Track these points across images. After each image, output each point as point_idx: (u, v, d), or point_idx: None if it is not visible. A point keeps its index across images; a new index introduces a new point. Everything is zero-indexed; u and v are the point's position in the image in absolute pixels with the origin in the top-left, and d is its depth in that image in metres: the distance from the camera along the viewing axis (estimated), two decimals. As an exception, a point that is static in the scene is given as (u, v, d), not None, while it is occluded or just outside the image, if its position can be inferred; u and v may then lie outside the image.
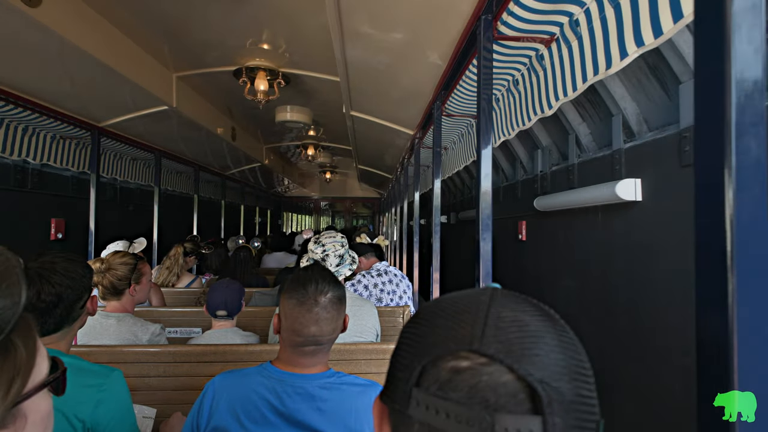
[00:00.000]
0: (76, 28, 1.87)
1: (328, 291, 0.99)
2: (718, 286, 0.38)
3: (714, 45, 0.39)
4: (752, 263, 0.37)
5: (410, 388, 0.32)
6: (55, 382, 0.56)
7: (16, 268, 0.48)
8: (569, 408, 0.30)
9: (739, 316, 0.37)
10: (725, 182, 0.38)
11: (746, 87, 0.38)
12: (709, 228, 0.39)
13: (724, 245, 0.38)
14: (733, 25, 0.38)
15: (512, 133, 1.76)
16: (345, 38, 1.72)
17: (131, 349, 1.59)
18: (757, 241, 0.37)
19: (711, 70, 0.39)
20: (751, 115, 0.38)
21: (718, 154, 0.39)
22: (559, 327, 0.34)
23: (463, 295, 0.36)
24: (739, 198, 0.37)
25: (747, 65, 0.38)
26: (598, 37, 1.07)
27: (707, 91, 0.40)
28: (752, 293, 0.37)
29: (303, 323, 0.96)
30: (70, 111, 2.69)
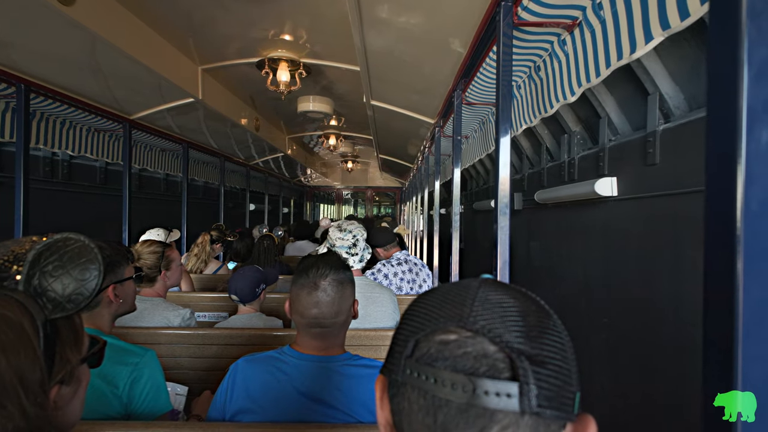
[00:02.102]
0: (107, 25, 1.95)
1: (327, 275, 1.02)
2: (727, 269, 0.38)
3: (728, 32, 0.39)
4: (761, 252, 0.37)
5: (404, 359, 0.36)
6: (97, 354, 0.60)
7: (92, 248, 0.53)
8: (545, 378, 0.33)
9: (745, 302, 0.37)
10: (737, 172, 0.38)
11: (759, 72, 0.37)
12: (719, 216, 0.39)
13: (733, 234, 0.38)
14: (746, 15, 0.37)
15: (534, 121, 1.73)
16: (364, 26, 1.73)
17: (164, 331, 1.69)
18: (765, 230, 0.37)
19: (724, 56, 0.39)
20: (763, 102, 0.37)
21: (730, 142, 0.38)
22: (541, 309, 0.38)
23: (458, 284, 0.40)
24: (748, 190, 0.37)
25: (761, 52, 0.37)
26: (621, 20, 1.03)
27: (720, 78, 0.40)
28: (760, 277, 0.37)
29: (305, 305, 1.01)
30: (103, 104, 2.81)
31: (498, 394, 0.32)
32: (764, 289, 0.37)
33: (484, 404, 0.32)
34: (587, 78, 1.23)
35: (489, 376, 0.33)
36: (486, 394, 0.32)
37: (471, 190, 5.54)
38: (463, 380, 0.33)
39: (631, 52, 1.01)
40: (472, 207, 4.51)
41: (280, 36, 2.57)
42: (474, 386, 0.32)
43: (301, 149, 6.52)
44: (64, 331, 0.52)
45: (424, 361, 0.35)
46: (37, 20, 1.74)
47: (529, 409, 0.32)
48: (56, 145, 2.94)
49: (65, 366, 0.51)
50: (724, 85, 0.39)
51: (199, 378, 1.68)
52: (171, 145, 4.07)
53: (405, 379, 0.35)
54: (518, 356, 0.33)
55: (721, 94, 0.40)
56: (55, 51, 2.05)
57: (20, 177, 2.08)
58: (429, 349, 0.35)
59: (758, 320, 0.37)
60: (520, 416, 0.32)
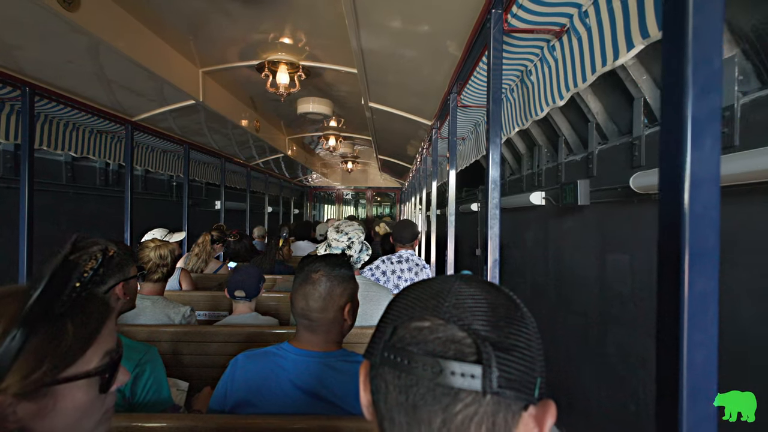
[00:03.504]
0: (110, 29, 2.00)
1: (320, 269, 1.06)
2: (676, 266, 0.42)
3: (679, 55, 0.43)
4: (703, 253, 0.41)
5: (383, 343, 0.40)
6: (100, 380, 0.58)
7: (53, 259, 0.54)
8: (507, 362, 0.37)
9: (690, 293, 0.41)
10: (684, 177, 0.42)
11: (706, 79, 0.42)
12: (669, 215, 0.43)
13: (680, 236, 0.42)
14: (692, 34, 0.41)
15: (526, 124, 1.77)
16: (360, 28, 1.76)
17: (166, 328, 1.73)
18: (709, 231, 0.42)
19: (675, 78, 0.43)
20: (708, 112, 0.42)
21: (679, 149, 0.43)
22: (511, 302, 0.42)
23: (439, 278, 0.44)
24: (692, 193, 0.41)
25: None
26: (606, 28, 1.07)
27: (671, 91, 0.44)
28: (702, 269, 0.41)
29: (296, 297, 1.06)
30: (106, 107, 2.86)
31: (463, 375, 0.36)
32: (706, 283, 0.41)
33: (450, 383, 0.36)
34: (575, 83, 1.28)
35: (456, 358, 0.37)
36: (452, 375, 0.36)
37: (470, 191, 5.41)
38: (432, 362, 0.37)
39: (615, 59, 1.05)
40: (460, 209, 4.36)
41: (280, 39, 2.62)
42: (442, 367, 0.36)
43: (301, 150, 6.56)
44: (28, 347, 0.51)
45: (400, 345, 0.39)
46: (41, 24, 1.79)
47: (490, 389, 0.36)
48: (59, 147, 2.99)
49: (21, 381, 0.51)
50: (673, 98, 0.43)
51: (199, 374, 1.73)
52: (173, 147, 4.12)
53: (383, 361, 0.40)
54: (483, 342, 0.37)
55: (671, 106, 0.44)
56: (59, 54, 2.09)
57: (25, 179, 2.13)
58: (405, 335, 0.39)
59: (701, 310, 0.41)
60: (482, 396, 0.36)
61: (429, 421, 0.37)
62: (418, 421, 0.37)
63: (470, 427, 0.36)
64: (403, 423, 0.38)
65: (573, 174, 2.64)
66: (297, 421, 0.99)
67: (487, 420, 0.36)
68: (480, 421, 0.36)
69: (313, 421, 0.99)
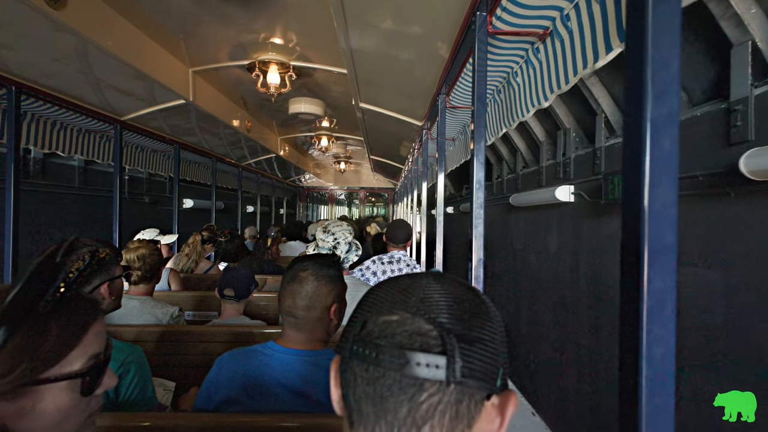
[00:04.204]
0: (97, 28, 1.99)
1: (308, 268, 1.07)
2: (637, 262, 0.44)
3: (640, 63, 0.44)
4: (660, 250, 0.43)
5: (353, 337, 0.41)
6: (83, 382, 0.57)
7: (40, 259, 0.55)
8: (471, 353, 0.39)
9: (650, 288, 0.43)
10: (644, 176, 0.44)
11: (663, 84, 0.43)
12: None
13: (641, 232, 0.44)
14: (651, 45, 0.43)
15: (512, 125, 1.79)
16: (349, 28, 1.77)
17: (154, 329, 1.72)
18: (667, 228, 0.43)
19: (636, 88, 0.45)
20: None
21: (639, 149, 0.44)
22: (477, 298, 0.44)
23: (407, 275, 0.46)
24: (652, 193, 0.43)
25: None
26: (586, 31, 1.10)
27: (632, 95, 0.45)
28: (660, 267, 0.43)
29: (283, 295, 1.07)
30: (94, 106, 2.84)
31: (428, 365, 0.37)
32: (664, 280, 0.43)
33: (415, 374, 0.37)
34: (558, 85, 1.30)
35: (421, 350, 0.38)
36: (418, 365, 0.37)
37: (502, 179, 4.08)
38: (399, 353, 0.38)
39: (595, 61, 1.08)
40: (509, 202, 3.33)
41: (270, 39, 2.62)
42: (408, 359, 0.38)
43: (293, 150, 6.55)
44: (6, 346, 0.51)
45: (369, 338, 0.40)
46: (27, 23, 1.78)
47: (454, 379, 0.37)
48: (47, 146, 2.96)
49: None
50: (634, 101, 0.45)
51: (187, 375, 1.72)
52: (163, 146, 4.09)
53: (352, 354, 0.41)
54: (448, 334, 0.39)
55: (632, 108, 0.45)
56: (45, 53, 2.08)
57: (11, 178, 2.11)
58: (374, 329, 0.41)
59: (659, 306, 0.43)
60: (446, 385, 0.38)
61: (395, 411, 0.38)
62: (384, 411, 0.38)
63: (434, 416, 0.38)
64: (371, 414, 0.39)
65: (619, 160, 1.99)
66: (283, 420, 1.00)
67: (451, 408, 0.38)
68: (444, 410, 0.38)
69: (299, 420, 1.00)
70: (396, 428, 0.38)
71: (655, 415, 0.43)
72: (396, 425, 0.38)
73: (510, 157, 3.57)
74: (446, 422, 0.38)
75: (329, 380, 1.06)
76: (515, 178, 3.43)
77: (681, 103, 1.67)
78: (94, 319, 0.60)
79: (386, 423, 0.38)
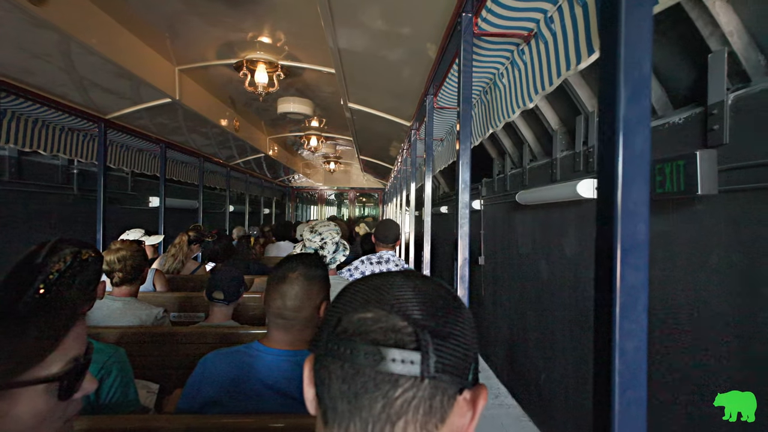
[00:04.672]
0: (79, 24, 1.95)
1: (296, 269, 1.07)
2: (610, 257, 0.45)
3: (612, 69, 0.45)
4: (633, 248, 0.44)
5: (327, 335, 0.41)
6: (60, 386, 0.56)
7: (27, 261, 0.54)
8: (444, 349, 0.39)
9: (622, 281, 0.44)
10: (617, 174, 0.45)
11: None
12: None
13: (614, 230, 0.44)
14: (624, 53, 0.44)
15: (499, 125, 1.81)
16: (336, 27, 1.77)
17: (137, 330, 1.70)
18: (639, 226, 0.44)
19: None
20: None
21: (612, 149, 0.45)
22: (450, 295, 0.45)
23: (382, 274, 0.46)
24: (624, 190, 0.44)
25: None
26: (569, 33, 1.11)
27: (606, 96, 0.46)
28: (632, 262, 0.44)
29: (272, 296, 1.06)
30: (77, 104, 2.79)
31: (403, 361, 0.38)
32: (636, 277, 0.44)
33: (390, 370, 0.38)
34: (542, 86, 1.31)
35: (396, 346, 0.38)
36: (393, 362, 0.38)
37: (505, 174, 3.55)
38: (374, 350, 0.38)
39: (577, 63, 1.09)
40: (515, 200, 2.92)
41: (258, 38, 2.60)
42: (383, 355, 0.38)
43: (282, 150, 6.52)
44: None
45: (344, 335, 0.40)
46: (7, 19, 1.74)
47: (428, 374, 0.38)
48: (27, 145, 2.89)
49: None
50: (608, 102, 0.46)
51: (171, 377, 1.70)
52: (149, 146, 4.04)
53: (327, 351, 0.41)
54: (422, 330, 0.39)
55: (606, 108, 0.46)
56: (26, 50, 2.03)
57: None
58: (348, 326, 0.41)
59: (632, 302, 0.44)
60: (420, 381, 0.38)
61: (370, 408, 0.38)
62: (359, 408, 0.39)
63: (408, 411, 0.38)
64: (345, 411, 0.39)
65: (670, 145, 1.58)
66: (268, 420, 0.99)
67: (425, 403, 0.38)
68: (418, 405, 0.38)
69: (284, 420, 0.99)
70: (370, 425, 0.38)
71: (628, 408, 0.44)
72: (370, 421, 0.38)
73: (514, 149, 3.23)
74: (420, 417, 0.38)
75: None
76: (521, 173, 3.05)
77: (666, 106, 1.71)
78: (75, 321, 0.59)
79: (361, 420, 0.38)
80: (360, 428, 0.38)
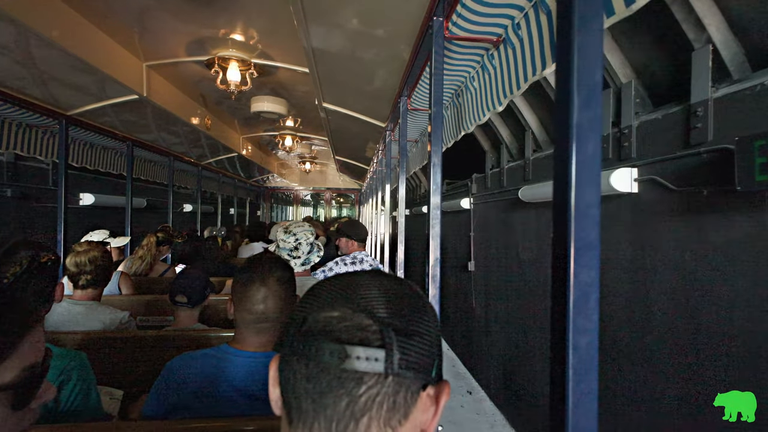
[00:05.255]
0: (40, 17, 1.86)
1: (275, 272, 1.07)
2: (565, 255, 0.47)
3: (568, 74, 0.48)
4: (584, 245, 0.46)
5: (292, 334, 0.41)
6: (14, 396, 0.54)
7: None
8: (408, 346, 0.40)
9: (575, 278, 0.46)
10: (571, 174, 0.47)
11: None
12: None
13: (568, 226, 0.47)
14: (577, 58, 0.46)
15: (470, 128, 1.85)
16: (309, 25, 1.75)
17: (100, 335, 1.63)
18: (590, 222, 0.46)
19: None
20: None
21: (566, 153, 0.47)
22: (416, 294, 0.45)
23: (349, 273, 0.47)
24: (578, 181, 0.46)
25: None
26: (534, 40, 1.15)
27: (561, 102, 0.48)
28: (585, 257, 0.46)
29: (253, 301, 1.04)
30: (36, 99, 2.66)
31: (368, 359, 0.38)
32: (588, 275, 0.46)
33: (355, 367, 0.38)
34: (510, 90, 1.35)
35: (361, 344, 0.39)
36: (358, 359, 0.38)
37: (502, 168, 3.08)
38: (339, 348, 0.39)
39: (542, 69, 1.13)
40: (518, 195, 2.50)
41: (230, 35, 2.56)
42: (348, 353, 0.39)
43: (257, 150, 6.41)
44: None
45: (310, 334, 0.41)
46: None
47: (392, 371, 0.39)
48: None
49: None
50: (562, 107, 0.48)
51: (136, 383, 1.65)
52: (114, 143, 3.89)
53: (292, 351, 0.41)
54: (387, 328, 0.40)
55: (561, 114, 0.48)
56: (-21, 41, 1.92)
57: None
58: (314, 324, 0.41)
59: (584, 299, 0.46)
60: (384, 378, 0.39)
61: (334, 405, 0.39)
62: (324, 406, 0.39)
63: (372, 408, 0.39)
64: (310, 410, 0.39)
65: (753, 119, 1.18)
66: (237, 424, 0.98)
67: (388, 400, 0.39)
68: (381, 401, 0.39)
69: (254, 423, 0.98)
70: (335, 422, 0.39)
71: (581, 401, 0.46)
72: (335, 419, 0.39)
73: (513, 139, 2.81)
74: (384, 413, 0.39)
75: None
76: (522, 166, 2.57)
77: (644, 104, 1.59)
78: (31, 327, 0.57)
79: (325, 418, 0.39)
80: (324, 426, 0.39)
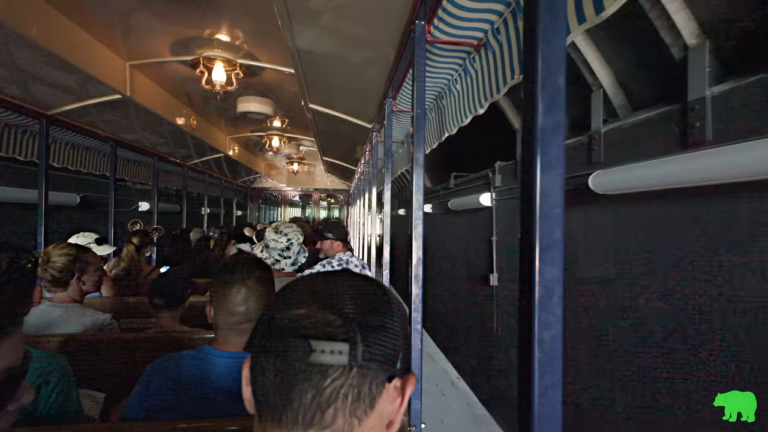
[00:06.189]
0: (18, 14, 1.83)
1: (254, 273, 1.08)
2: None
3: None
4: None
5: (261, 332, 0.42)
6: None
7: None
8: (372, 340, 0.42)
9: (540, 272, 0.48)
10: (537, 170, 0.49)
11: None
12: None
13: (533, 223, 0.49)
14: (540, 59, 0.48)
15: (453, 130, 1.88)
16: (293, 25, 1.75)
17: (81, 337, 1.61)
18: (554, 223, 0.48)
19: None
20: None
21: (531, 155, 0.49)
22: (382, 291, 0.47)
23: (319, 273, 0.48)
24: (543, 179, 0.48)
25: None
26: (513, 44, 1.18)
27: (527, 106, 0.51)
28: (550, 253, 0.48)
29: (235, 303, 1.05)
30: (15, 98, 2.61)
31: (332, 352, 0.40)
32: (552, 272, 0.48)
33: (320, 361, 0.40)
34: (491, 93, 1.38)
35: (326, 338, 0.41)
36: (323, 353, 0.40)
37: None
38: (304, 343, 0.40)
39: (521, 73, 1.16)
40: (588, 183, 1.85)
41: (216, 35, 2.54)
42: (313, 347, 0.40)
43: (243, 150, 6.36)
44: None
45: (277, 331, 0.42)
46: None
47: (356, 363, 0.40)
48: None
49: None
50: (528, 112, 0.50)
51: (118, 385, 1.63)
52: (97, 144, 3.83)
53: (261, 348, 0.42)
54: (351, 323, 0.42)
55: (527, 118, 0.51)
56: (-45, 39, 1.88)
57: None
58: (282, 322, 0.42)
59: (549, 294, 0.48)
60: (349, 370, 0.41)
61: (301, 398, 0.40)
62: (291, 399, 0.40)
63: (338, 399, 0.40)
64: (278, 404, 0.41)
65: None
66: (221, 424, 0.98)
67: (353, 391, 0.41)
68: (346, 392, 0.41)
69: (238, 423, 0.98)
70: (301, 414, 0.40)
71: (546, 393, 0.48)
72: (301, 411, 0.40)
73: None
74: (349, 404, 0.41)
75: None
76: (587, 142, 1.79)
77: (626, 106, 1.55)
78: (9, 332, 0.56)
79: (292, 410, 0.40)
80: (291, 418, 0.40)
